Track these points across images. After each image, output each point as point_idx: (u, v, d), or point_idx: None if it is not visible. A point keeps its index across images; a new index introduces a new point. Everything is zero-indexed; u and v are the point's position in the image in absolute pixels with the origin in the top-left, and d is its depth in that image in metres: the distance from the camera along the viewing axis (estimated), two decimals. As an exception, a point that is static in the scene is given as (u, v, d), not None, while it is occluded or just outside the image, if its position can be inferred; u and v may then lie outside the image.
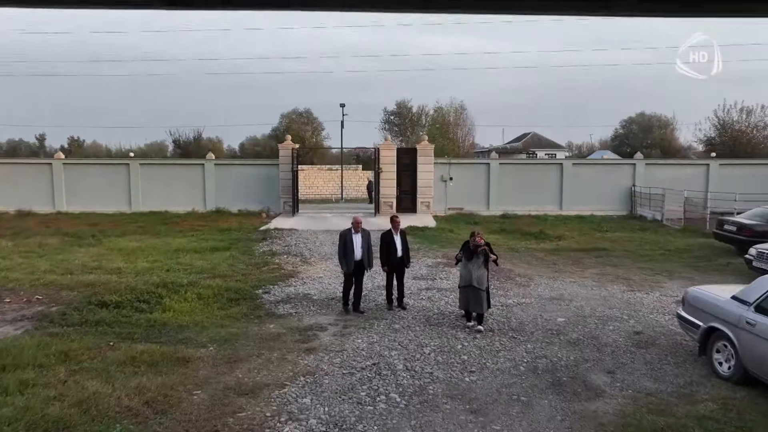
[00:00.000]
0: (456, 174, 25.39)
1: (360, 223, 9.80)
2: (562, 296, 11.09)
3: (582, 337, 8.52)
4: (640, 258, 15.24)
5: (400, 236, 9.97)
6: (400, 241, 9.91)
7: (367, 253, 9.71)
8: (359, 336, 8.50)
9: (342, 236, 9.74)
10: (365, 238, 9.75)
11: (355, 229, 9.69)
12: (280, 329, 8.81)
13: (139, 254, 15.17)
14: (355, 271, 9.65)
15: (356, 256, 9.58)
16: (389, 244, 9.87)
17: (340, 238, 9.76)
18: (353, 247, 9.57)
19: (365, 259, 9.70)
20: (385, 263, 9.89)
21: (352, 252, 9.55)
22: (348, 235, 9.65)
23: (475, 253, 8.86)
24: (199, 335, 8.46)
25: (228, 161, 27.51)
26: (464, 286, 8.89)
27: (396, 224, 10.02)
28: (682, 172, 25.23)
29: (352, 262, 9.57)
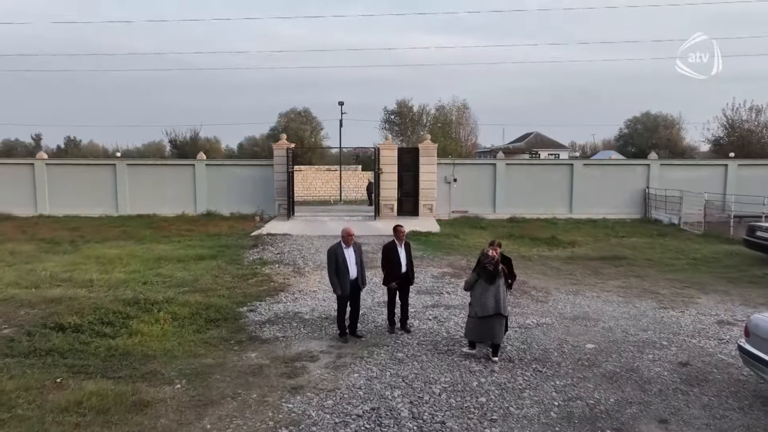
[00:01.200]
0: (460, 175, 24.10)
1: (352, 236, 8.29)
2: (587, 315, 9.78)
3: (619, 369, 7.21)
4: (665, 268, 13.93)
5: (405, 248, 8.65)
6: (404, 253, 8.60)
7: (361, 269, 8.36)
8: (356, 368, 7.19)
9: (332, 253, 8.20)
10: (358, 253, 8.36)
11: (347, 243, 8.21)
12: (263, 359, 7.50)
13: (117, 263, 13.88)
14: (350, 293, 8.31)
15: (351, 275, 8.16)
16: (393, 257, 8.58)
17: (330, 256, 8.22)
18: (347, 265, 8.13)
19: (360, 277, 8.34)
20: (390, 279, 8.59)
21: (346, 271, 8.11)
22: (339, 251, 8.15)
23: (496, 272, 7.50)
24: (166, 367, 7.15)
25: (220, 162, 26.21)
26: (485, 316, 7.43)
27: (400, 235, 8.66)
28: (698, 173, 23.92)
29: (347, 283, 8.12)
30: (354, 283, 8.24)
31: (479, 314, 7.44)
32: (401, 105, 55.83)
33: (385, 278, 8.71)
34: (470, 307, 7.67)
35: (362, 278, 8.38)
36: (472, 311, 7.59)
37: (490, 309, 7.38)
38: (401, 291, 8.65)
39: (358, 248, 8.41)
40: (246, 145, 67.36)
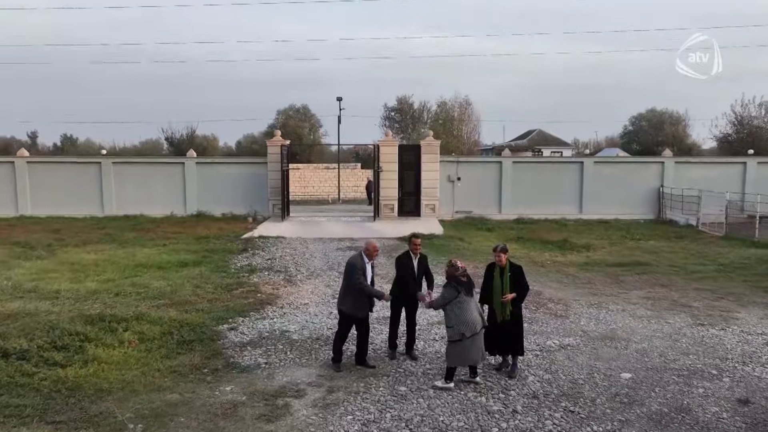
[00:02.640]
0: (464, 174, 22.86)
1: (377, 251, 7.15)
2: (615, 333, 8.57)
3: (667, 408, 5.99)
4: (692, 275, 12.70)
5: (419, 263, 7.38)
6: (417, 265, 7.35)
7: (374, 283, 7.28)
8: (349, 407, 5.98)
9: (357, 265, 6.92)
10: (374, 269, 7.25)
11: (370, 257, 7.07)
12: (240, 394, 6.28)
13: (91, 270, 12.67)
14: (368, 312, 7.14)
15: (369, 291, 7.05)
16: (407, 273, 7.31)
17: (354, 268, 6.89)
18: (368, 279, 7.02)
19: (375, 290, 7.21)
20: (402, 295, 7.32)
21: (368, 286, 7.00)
22: (360, 264, 6.96)
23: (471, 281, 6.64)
24: (122, 406, 5.94)
25: (211, 159, 24.97)
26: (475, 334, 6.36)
27: (416, 247, 7.39)
28: (715, 171, 22.67)
29: (366, 302, 7.00)
30: (371, 303, 7.10)
31: (468, 334, 6.31)
32: (401, 101, 54.63)
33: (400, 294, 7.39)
34: (451, 330, 6.43)
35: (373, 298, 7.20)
36: (455, 334, 6.35)
37: (478, 324, 6.42)
38: (408, 309, 7.43)
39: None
40: (244, 143, 66.08)
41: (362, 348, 7.15)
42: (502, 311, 6.71)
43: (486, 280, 6.98)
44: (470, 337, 6.36)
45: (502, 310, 6.71)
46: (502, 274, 6.79)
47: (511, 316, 6.73)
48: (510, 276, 6.78)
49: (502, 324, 6.72)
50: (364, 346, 7.17)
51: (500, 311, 6.71)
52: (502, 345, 6.86)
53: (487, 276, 6.99)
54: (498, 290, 6.73)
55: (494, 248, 6.97)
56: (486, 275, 7.02)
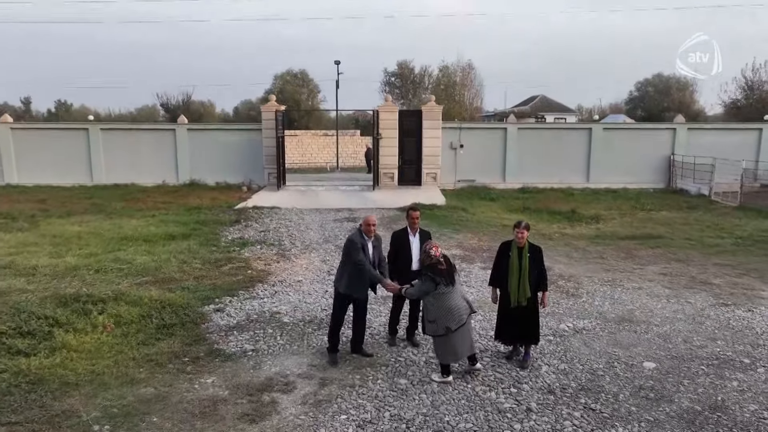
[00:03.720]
0: (467, 140, 21.93)
1: (373, 226, 6.25)
2: (633, 315, 7.90)
3: (699, 406, 5.35)
4: (709, 249, 12.01)
5: (419, 238, 6.57)
6: (417, 245, 6.54)
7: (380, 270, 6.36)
8: (343, 405, 5.34)
9: (356, 243, 6.13)
10: (378, 249, 6.37)
11: (367, 234, 6.22)
12: (221, 388, 5.64)
13: (74, 244, 11.95)
14: (357, 299, 6.35)
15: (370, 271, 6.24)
16: (402, 250, 6.59)
17: (354, 246, 6.10)
18: (368, 258, 6.20)
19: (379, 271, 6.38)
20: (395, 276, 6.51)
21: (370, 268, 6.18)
22: (362, 242, 6.17)
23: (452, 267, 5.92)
24: (89, 403, 5.31)
25: (203, 126, 23.97)
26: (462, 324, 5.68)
27: (414, 221, 6.61)
28: (729, 138, 21.71)
29: (366, 283, 6.21)
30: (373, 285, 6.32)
31: (454, 327, 5.61)
32: (402, 66, 53.05)
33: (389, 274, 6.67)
34: (432, 325, 5.69)
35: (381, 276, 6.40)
36: (439, 328, 5.63)
37: (464, 313, 5.71)
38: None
39: (379, 243, 6.39)
40: (242, 109, 64.72)
41: (359, 334, 6.48)
42: (518, 296, 6.00)
43: (499, 260, 6.22)
44: (457, 329, 5.64)
45: (517, 296, 6.00)
46: (521, 255, 6.03)
47: (527, 302, 6.02)
48: (529, 257, 6.03)
49: (516, 309, 6.03)
50: (360, 331, 6.49)
51: (515, 296, 6.01)
52: (515, 332, 6.19)
53: (501, 255, 6.21)
54: (515, 273, 5.98)
55: (516, 224, 6.12)
56: (500, 254, 6.24)
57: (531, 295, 6.00)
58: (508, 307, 6.08)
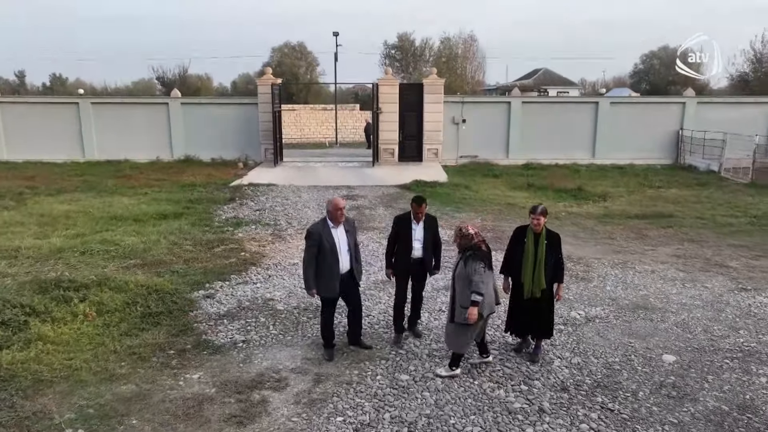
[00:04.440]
0: (470, 115, 21.25)
1: (342, 211, 5.52)
2: (648, 301, 7.46)
3: (727, 406, 4.92)
4: (723, 229, 11.53)
5: (424, 227, 5.96)
6: (422, 233, 5.95)
7: (355, 258, 5.75)
8: (339, 405, 4.91)
9: (314, 236, 5.47)
10: (352, 234, 5.70)
11: (335, 221, 5.53)
12: (208, 386, 5.21)
13: (61, 224, 11.47)
14: (343, 292, 5.68)
15: (342, 267, 5.57)
16: (402, 234, 5.96)
17: (310, 239, 5.49)
18: (336, 252, 5.49)
19: (355, 268, 5.75)
20: (392, 265, 6.10)
21: (335, 261, 5.48)
22: (325, 233, 5.49)
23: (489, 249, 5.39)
24: (63, 402, 4.89)
25: (197, 100, 23.22)
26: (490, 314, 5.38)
27: (418, 214, 5.90)
28: (741, 112, 21.02)
29: (336, 279, 5.53)
30: (347, 277, 5.66)
31: (486, 314, 5.26)
32: (402, 38, 51.78)
33: (386, 262, 6.24)
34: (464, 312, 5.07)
35: (358, 270, 5.83)
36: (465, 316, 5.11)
37: (494, 302, 5.34)
38: (415, 282, 6.17)
39: (352, 228, 5.75)
40: (240, 83, 63.58)
41: (354, 326, 5.99)
42: (531, 288, 5.50)
43: (513, 246, 5.71)
44: (487, 317, 5.32)
45: (532, 286, 5.49)
46: (538, 242, 5.48)
47: (542, 293, 5.53)
48: (546, 245, 5.49)
49: (528, 301, 5.55)
50: (356, 324, 6.00)
51: (529, 287, 5.50)
52: (527, 325, 5.73)
53: (515, 242, 5.70)
54: (530, 261, 5.47)
55: (533, 209, 5.54)
56: (513, 241, 5.73)
57: (546, 286, 5.51)
58: (520, 299, 5.59)
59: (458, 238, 5.28)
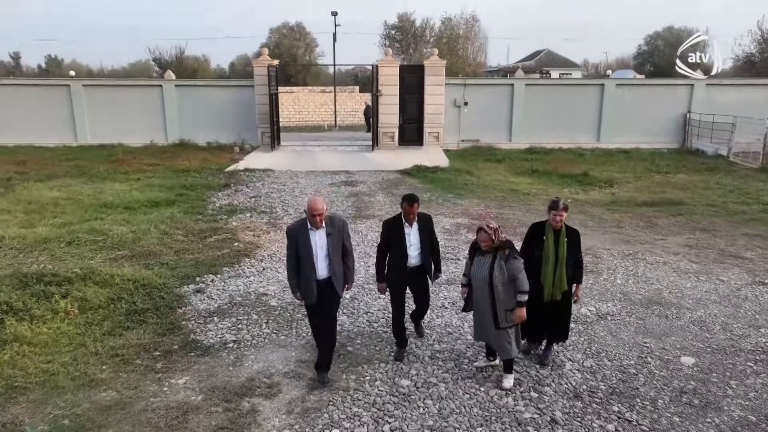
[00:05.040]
0: (472, 98, 20.68)
1: (321, 215, 4.70)
2: (661, 296, 7.08)
3: (754, 415, 4.56)
4: (735, 217, 11.12)
5: (419, 228, 5.25)
6: (417, 236, 5.24)
7: (333, 263, 4.87)
8: (335, 414, 4.55)
9: (290, 236, 4.86)
10: (335, 238, 4.84)
11: (314, 224, 4.76)
12: (194, 392, 4.85)
13: (48, 212, 11.07)
14: (319, 302, 4.90)
15: (318, 273, 4.83)
16: (395, 242, 5.23)
17: (288, 239, 4.90)
18: (312, 257, 4.76)
19: (334, 275, 4.90)
20: (384, 276, 5.39)
21: (311, 268, 4.79)
22: (302, 234, 4.79)
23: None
24: (37, 412, 4.53)
25: (192, 82, 22.59)
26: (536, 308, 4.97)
27: (410, 215, 5.18)
28: (752, 94, 20.45)
29: (312, 286, 4.84)
30: (324, 285, 4.87)
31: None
32: (403, 19, 50.84)
33: (378, 275, 5.47)
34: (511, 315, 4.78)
35: (340, 277, 4.94)
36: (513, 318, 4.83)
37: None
38: (417, 293, 5.51)
39: (337, 230, 4.85)
40: (238, 65, 62.58)
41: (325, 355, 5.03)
42: (552, 289, 5.05)
43: (530, 245, 5.21)
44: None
45: (552, 288, 5.04)
46: (558, 240, 5.02)
47: (561, 296, 5.11)
48: (567, 243, 5.03)
49: (547, 304, 5.09)
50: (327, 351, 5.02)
51: (550, 288, 5.05)
52: (544, 329, 5.30)
53: (532, 239, 5.20)
54: (551, 261, 5.01)
55: (552, 204, 5.02)
56: (531, 238, 5.24)
57: (567, 287, 5.10)
58: (539, 302, 5.05)
59: (490, 239, 4.69)
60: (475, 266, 4.87)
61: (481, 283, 4.78)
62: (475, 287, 4.89)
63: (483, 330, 4.97)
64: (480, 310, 4.91)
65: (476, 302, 4.92)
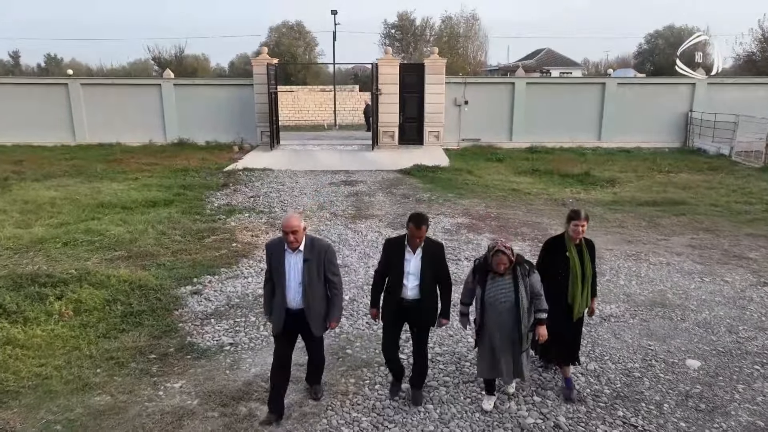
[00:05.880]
0: (472, 96, 20.58)
1: (296, 234, 4.10)
2: (665, 298, 6.98)
3: (763, 420, 4.46)
4: (739, 217, 11.01)
5: (422, 257, 4.37)
6: (418, 266, 4.36)
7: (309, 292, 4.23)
8: (334, 419, 4.45)
9: (266, 253, 4.40)
10: (315, 264, 4.20)
11: (290, 245, 4.17)
12: (190, 397, 4.75)
13: (45, 212, 10.97)
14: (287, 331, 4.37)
15: (289, 301, 4.24)
16: (393, 268, 4.43)
17: (266, 255, 4.39)
18: (283, 281, 4.21)
19: (312, 310, 4.30)
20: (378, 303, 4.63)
21: (280, 293, 4.24)
22: (276, 255, 4.25)
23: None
24: (29, 417, 4.43)
25: (191, 81, 22.47)
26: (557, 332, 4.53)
27: (415, 239, 4.31)
28: (754, 93, 20.34)
29: (281, 314, 4.28)
30: (296, 318, 4.28)
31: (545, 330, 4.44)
32: (402, 17, 50.72)
33: (372, 298, 4.70)
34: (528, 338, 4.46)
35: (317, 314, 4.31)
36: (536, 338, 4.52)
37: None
38: (412, 327, 4.63)
39: (317, 257, 4.21)
40: (237, 63, 62.48)
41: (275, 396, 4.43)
42: (578, 307, 4.66)
43: (551, 262, 4.69)
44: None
45: (578, 306, 4.65)
46: (581, 254, 4.62)
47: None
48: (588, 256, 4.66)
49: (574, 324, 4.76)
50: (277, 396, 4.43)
51: (579, 307, 4.66)
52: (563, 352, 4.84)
53: (552, 255, 4.70)
54: (578, 278, 4.58)
55: (573, 215, 4.58)
56: (549, 254, 4.74)
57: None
58: (564, 322, 4.63)
59: (509, 259, 4.22)
60: (492, 291, 4.29)
61: (507, 306, 4.25)
62: (493, 314, 4.29)
63: (496, 362, 4.39)
64: (499, 338, 4.33)
65: (494, 330, 4.34)
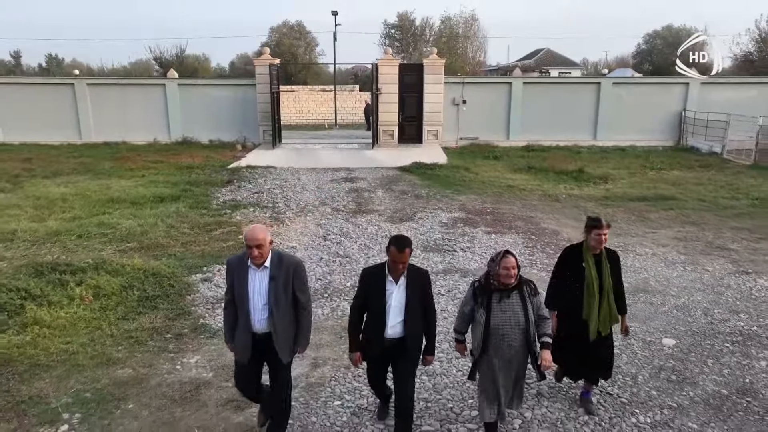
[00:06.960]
0: (470, 96, 21.02)
1: (261, 249, 3.65)
2: (648, 284, 7.42)
3: (726, 389, 4.90)
4: (725, 212, 11.45)
5: (407, 286, 3.88)
6: (402, 296, 3.87)
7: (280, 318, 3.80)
8: (337, 388, 4.89)
9: (229, 270, 3.93)
10: (282, 282, 3.75)
11: (254, 262, 3.71)
12: (205, 370, 5.19)
13: (57, 207, 11.40)
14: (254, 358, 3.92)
15: (254, 324, 3.81)
16: (373, 301, 3.92)
17: (227, 273, 3.97)
18: (246, 303, 3.78)
19: (279, 333, 3.82)
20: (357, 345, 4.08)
21: (244, 315, 3.81)
22: (238, 273, 3.82)
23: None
24: (60, 387, 4.87)
25: (194, 81, 22.93)
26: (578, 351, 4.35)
27: (399, 260, 3.78)
28: (746, 93, 20.81)
29: (246, 339, 3.84)
30: (262, 343, 3.84)
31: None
32: (402, 18, 51.11)
33: (350, 342, 4.13)
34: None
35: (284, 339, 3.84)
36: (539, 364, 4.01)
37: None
38: (395, 366, 4.05)
39: (285, 274, 3.75)
40: (238, 63, 62.92)
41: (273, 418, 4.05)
42: (601, 325, 4.30)
43: (565, 274, 4.40)
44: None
45: (600, 324, 4.29)
46: (600, 266, 4.26)
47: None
48: (610, 268, 4.30)
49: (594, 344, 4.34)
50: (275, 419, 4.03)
51: (596, 324, 4.27)
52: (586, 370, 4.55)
53: (567, 267, 4.39)
54: (595, 292, 4.23)
55: (593, 223, 4.23)
56: (564, 265, 4.43)
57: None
58: (583, 343, 4.31)
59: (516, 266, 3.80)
60: (499, 314, 3.82)
61: (515, 329, 3.82)
62: (498, 337, 3.83)
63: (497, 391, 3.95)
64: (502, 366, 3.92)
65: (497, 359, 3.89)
